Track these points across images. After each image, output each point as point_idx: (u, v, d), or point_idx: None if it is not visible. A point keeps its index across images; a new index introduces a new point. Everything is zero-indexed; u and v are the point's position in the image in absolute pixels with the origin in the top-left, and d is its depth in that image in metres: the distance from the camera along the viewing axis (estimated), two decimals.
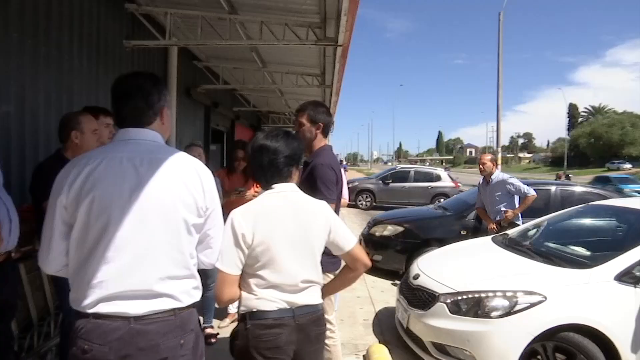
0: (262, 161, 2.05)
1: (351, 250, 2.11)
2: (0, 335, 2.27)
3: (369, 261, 2.18)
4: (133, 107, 1.71)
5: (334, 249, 2.13)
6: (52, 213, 1.62)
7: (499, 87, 20.90)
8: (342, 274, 2.24)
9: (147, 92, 1.73)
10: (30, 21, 4.04)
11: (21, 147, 3.98)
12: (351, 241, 2.12)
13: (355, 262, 2.14)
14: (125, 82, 1.75)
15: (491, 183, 5.95)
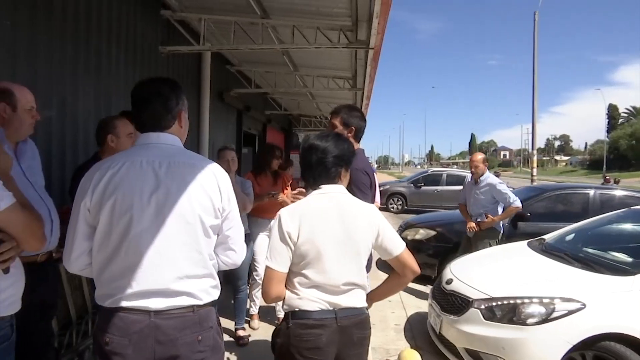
0: (311, 160, 2.08)
1: (400, 255, 2.10)
2: (41, 333, 2.34)
3: (417, 268, 2.14)
4: (152, 112, 1.78)
5: (382, 253, 2.12)
6: (75, 215, 1.70)
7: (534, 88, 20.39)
8: (390, 280, 2.21)
9: (166, 97, 1.79)
10: (71, 28, 4.17)
11: (62, 150, 4.11)
12: (400, 246, 2.10)
13: (404, 268, 2.12)
14: (144, 87, 1.81)
15: (479, 184, 5.75)
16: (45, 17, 3.82)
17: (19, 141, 2.29)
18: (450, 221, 7.49)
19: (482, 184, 5.70)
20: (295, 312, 1.99)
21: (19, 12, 3.51)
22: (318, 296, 1.98)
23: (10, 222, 1.62)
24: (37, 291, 1.99)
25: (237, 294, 4.45)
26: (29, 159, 2.33)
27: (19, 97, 2.21)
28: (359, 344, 2.07)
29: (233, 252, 1.86)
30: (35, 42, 3.70)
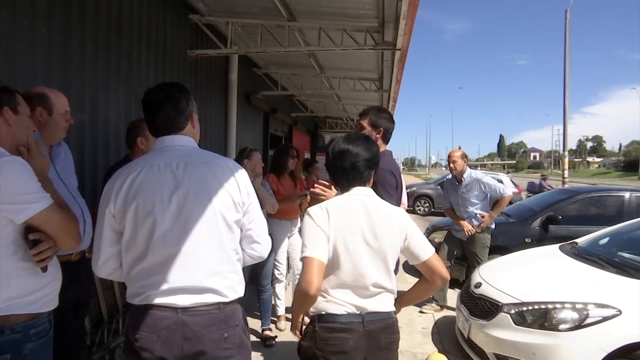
0: (344, 165, 2.07)
1: (428, 260, 2.06)
2: (75, 331, 2.40)
3: (447, 274, 2.11)
4: (165, 116, 1.83)
5: (410, 257, 2.10)
6: (101, 221, 1.75)
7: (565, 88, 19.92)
8: (418, 286, 2.19)
9: (176, 99, 1.84)
10: (103, 33, 4.28)
11: (94, 153, 4.22)
12: (428, 251, 2.08)
13: (432, 274, 2.08)
14: (154, 93, 1.86)
15: (463, 182, 5.44)
16: (78, 22, 3.92)
17: (53, 144, 2.35)
18: None
19: (466, 181, 5.42)
20: (322, 315, 1.98)
21: (54, 18, 3.62)
22: (345, 299, 1.97)
23: (47, 222, 1.69)
24: (71, 290, 2.04)
25: (261, 294, 4.48)
26: (62, 161, 2.40)
27: (54, 102, 2.28)
28: (387, 348, 2.04)
29: (258, 245, 1.89)
30: (69, 47, 3.81)
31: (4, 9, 3.14)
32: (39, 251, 1.67)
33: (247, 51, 6.96)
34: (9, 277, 1.65)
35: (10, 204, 1.60)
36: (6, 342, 1.64)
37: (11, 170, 1.62)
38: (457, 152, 5.55)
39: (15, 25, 3.24)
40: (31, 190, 1.66)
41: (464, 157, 5.48)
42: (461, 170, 5.42)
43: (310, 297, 1.87)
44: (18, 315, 1.67)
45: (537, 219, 6.67)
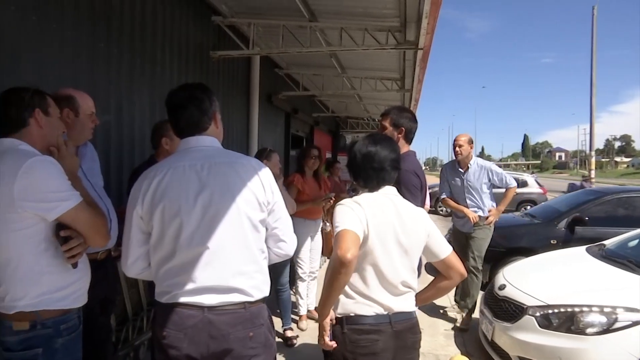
0: (373, 166, 2.07)
1: (446, 258, 2.10)
2: (101, 328, 2.44)
3: (464, 270, 2.15)
4: (189, 116, 1.84)
5: (429, 255, 2.12)
6: (129, 223, 1.78)
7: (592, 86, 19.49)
8: (437, 283, 2.20)
9: (200, 100, 1.86)
10: (127, 36, 4.35)
11: (119, 153, 4.29)
12: (447, 249, 2.12)
13: (450, 271, 2.11)
14: (177, 94, 1.88)
15: (469, 170, 5.03)
16: (104, 26, 4.00)
17: (79, 145, 2.40)
18: (502, 225, 7.25)
19: (473, 168, 5.01)
20: (350, 317, 1.98)
21: (81, 22, 3.70)
22: (374, 298, 1.97)
23: (77, 220, 1.74)
24: (98, 287, 2.08)
25: (280, 294, 4.50)
26: (89, 161, 2.45)
27: (80, 103, 2.33)
28: (412, 348, 2.07)
29: (284, 243, 1.89)
30: (95, 50, 3.89)
31: (33, 13, 3.23)
32: (69, 247, 1.73)
33: (268, 52, 7.00)
34: (40, 273, 1.70)
35: (42, 202, 1.66)
36: (38, 337, 1.70)
37: (42, 169, 1.67)
38: (463, 136, 5.10)
39: (44, 29, 3.32)
40: (62, 189, 1.71)
41: (470, 142, 5.06)
42: (467, 156, 5.02)
43: (345, 267, 1.78)
44: (49, 310, 1.72)
45: (562, 220, 6.54)
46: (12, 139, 1.78)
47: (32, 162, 1.65)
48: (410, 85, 9.05)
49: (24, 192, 1.62)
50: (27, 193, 1.63)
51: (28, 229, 1.67)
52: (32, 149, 1.78)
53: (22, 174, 1.62)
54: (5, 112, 1.79)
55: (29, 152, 1.73)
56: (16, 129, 1.79)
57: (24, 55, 3.17)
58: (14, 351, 1.69)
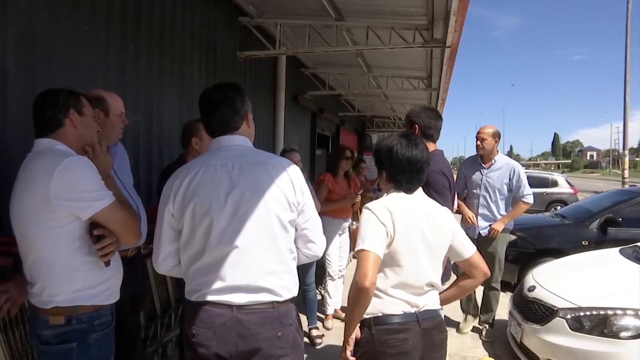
0: (411, 169, 2.04)
1: (470, 258, 2.09)
2: (131, 324, 2.49)
3: (488, 269, 2.14)
4: (222, 115, 1.85)
5: (453, 255, 2.12)
6: (160, 220, 1.80)
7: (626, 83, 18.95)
8: (460, 281, 2.18)
9: (232, 99, 1.87)
10: (157, 37, 4.43)
11: (148, 152, 4.37)
12: (471, 248, 2.11)
13: (474, 270, 2.11)
14: (211, 93, 1.89)
15: (492, 167, 4.48)
16: (134, 27, 4.08)
17: (110, 144, 2.45)
18: (532, 225, 7.12)
19: (497, 165, 4.46)
20: (378, 317, 1.96)
21: (112, 24, 3.78)
22: (400, 297, 1.96)
23: (110, 219, 1.78)
24: (128, 285, 2.11)
25: (306, 294, 4.51)
26: (119, 160, 2.49)
27: (110, 104, 2.38)
28: (440, 346, 2.05)
29: (313, 244, 1.89)
30: (125, 51, 3.97)
31: (66, 16, 3.31)
32: (102, 246, 1.76)
33: (295, 52, 7.02)
34: (75, 270, 1.75)
35: (76, 201, 1.70)
36: (73, 331, 1.75)
37: (77, 169, 1.72)
38: (487, 128, 4.54)
39: (76, 31, 3.41)
40: (95, 188, 1.75)
41: (495, 135, 4.47)
42: (490, 151, 4.47)
43: (364, 292, 1.82)
44: (84, 306, 1.77)
45: (594, 220, 6.36)
46: (49, 139, 1.82)
47: (67, 162, 1.69)
48: (437, 84, 8.97)
49: (59, 192, 1.66)
50: (62, 192, 1.67)
51: (63, 228, 1.71)
52: (68, 149, 1.82)
53: (58, 173, 1.66)
54: (42, 114, 1.84)
55: (64, 152, 1.78)
56: (52, 129, 1.84)
57: (58, 57, 3.26)
58: (50, 344, 1.74)
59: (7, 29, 2.89)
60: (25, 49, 3.01)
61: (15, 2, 2.93)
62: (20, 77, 2.96)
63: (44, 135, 1.83)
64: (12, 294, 1.92)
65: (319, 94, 9.82)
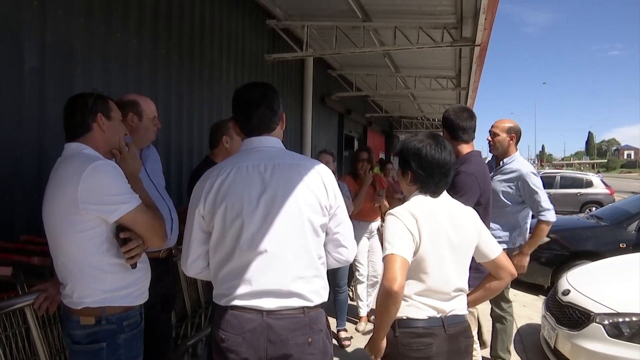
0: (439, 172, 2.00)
1: (497, 258, 2.03)
2: (162, 324, 2.52)
3: (514, 270, 2.08)
4: (262, 115, 1.82)
5: (479, 256, 2.06)
6: (190, 222, 1.78)
7: None
8: (486, 283, 2.13)
9: (272, 99, 1.84)
10: (187, 43, 4.52)
11: (179, 154, 4.45)
12: (497, 249, 2.05)
13: (501, 271, 2.05)
14: (251, 91, 1.86)
15: (503, 166, 3.55)
16: (165, 33, 4.17)
17: (143, 147, 2.50)
18: (565, 227, 6.95)
19: (510, 167, 3.50)
20: (403, 320, 1.93)
21: (144, 31, 3.87)
22: (426, 302, 1.93)
23: (136, 222, 1.79)
24: (160, 285, 2.15)
25: (337, 295, 4.50)
26: (152, 163, 2.54)
27: (143, 107, 2.42)
28: (466, 352, 2.00)
29: (345, 249, 1.85)
30: (157, 57, 4.05)
31: (100, 24, 3.41)
32: (128, 249, 1.78)
33: (322, 53, 7.03)
34: (103, 272, 1.78)
35: (103, 205, 1.72)
36: (102, 332, 1.78)
37: (103, 173, 1.74)
38: (502, 122, 3.65)
39: (110, 38, 3.51)
40: (121, 192, 1.77)
41: (512, 131, 3.58)
42: (505, 150, 3.57)
43: (393, 296, 1.77)
44: (113, 307, 1.80)
45: (633, 222, 6.15)
46: (77, 143, 1.85)
47: (94, 166, 1.71)
48: (467, 83, 8.84)
49: (86, 196, 1.69)
50: (89, 196, 1.69)
51: (91, 231, 1.74)
52: (95, 153, 1.85)
53: (85, 177, 1.68)
54: (71, 118, 1.87)
55: (91, 156, 1.80)
56: (81, 133, 1.86)
57: (92, 62, 3.36)
58: (81, 344, 1.78)
59: (46, 36, 3.00)
60: (62, 55, 3.12)
61: (53, 11, 3.04)
62: (57, 83, 3.07)
63: (73, 139, 1.86)
64: (51, 293, 1.97)
65: (346, 95, 9.81)
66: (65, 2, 3.13)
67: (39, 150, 2.96)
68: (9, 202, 2.81)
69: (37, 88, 2.96)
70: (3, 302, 2.07)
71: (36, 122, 2.96)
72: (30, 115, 2.93)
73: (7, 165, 2.81)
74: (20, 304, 2.09)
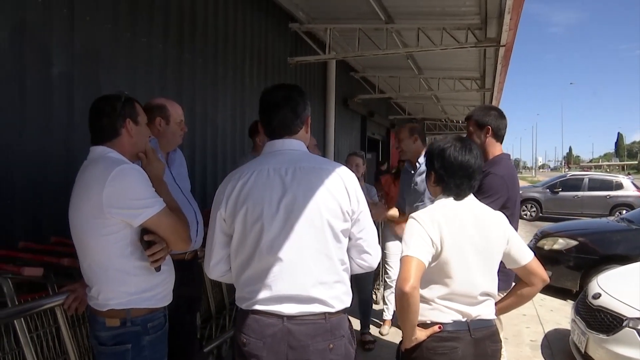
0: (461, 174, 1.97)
1: (528, 264, 1.98)
2: (188, 325, 2.54)
3: (547, 276, 2.02)
4: (283, 117, 1.81)
5: (509, 262, 2.01)
6: (213, 225, 1.78)
7: None
8: (517, 290, 2.08)
9: (295, 102, 1.82)
10: (211, 47, 4.57)
11: (203, 157, 4.50)
12: (528, 255, 2.00)
13: (532, 277, 2.00)
14: (273, 94, 1.85)
15: (418, 167, 3.58)
16: (189, 38, 4.23)
17: (169, 151, 2.53)
18: (595, 230, 6.78)
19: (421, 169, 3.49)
20: (427, 324, 1.91)
21: (169, 35, 3.93)
22: (451, 306, 1.90)
23: (160, 225, 1.81)
24: (185, 287, 2.16)
25: (361, 297, 4.46)
26: (178, 166, 2.56)
27: (171, 112, 2.45)
28: (493, 357, 1.96)
29: (368, 255, 1.81)
30: (181, 60, 4.11)
31: (126, 30, 3.49)
32: (152, 252, 1.79)
33: (344, 56, 7.01)
34: (128, 275, 1.80)
35: (127, 209, 1.74)
36: (127, 333, 1.80)
37: (128, 177, 1.76)
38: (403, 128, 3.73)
39: (136, 43, 3.58)
40: (146, 196, 1.79)
41: (415, 133, 3.62)
42: (413, 151, 3.62)
43: (405, 297, 1.74)
44: (137, 309, 1.81)
45: None
46: (103, 147, 1.87)
47: (119, 170, 1.73)
48: (491, 84, 8.72)
49: (111, 200, 1.70)
50: (114, 200, 1.71)
51: (116, 234, 1.76)
52: (121, 156, 1.86)
53: (110, 181, 1.70)
54: (99, 122, 1.87)
55: (117, 160, 1.81)
56: (109, 138, 1.87)
57: (119, 67, 3.43)
58: (107, 345, 1.81)
59: (74, 42, 3.08)
60: (90, 60, 3.19)
61: (81, 18, 3.12)
62: (84, 87, 3.14)
63: (100, 143, 1.87)
64: (80, 293, 2.01)
65: (368, 97, 9.79)
66: (93, 9, 3.20)
67: (67, 154, 3.04)
68: (38, 204, 2.88)
69: (65, 93, 3.04)
70: (34, 302, 2.11)
71: (64, 126, 3.03)
72: (59, 120, 3.00)
73: (37, 169, 2.88)
74: (50, 303, 2.12)
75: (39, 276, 2.25)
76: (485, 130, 2.68)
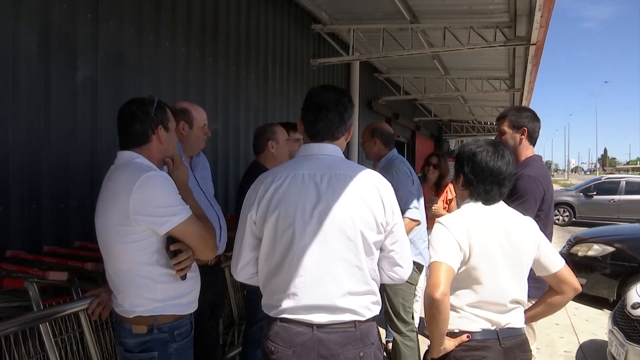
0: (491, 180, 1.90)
1: (559, 272, 1.90)
2: (211, 331, 2.53)
3: (579, 284, 1.94)
4: (330, 121, 1.74)
5: (539, 269, 1.93)
6: (242, 227, 1.74)
7: None
8: (547, 298, 2.00)
9: (344, 107, 1.76)
10: (233, 50, 4.57)
11: (226, 161, 4.49)
12: (559, 262, 1.92)
13: (564, 285, 1.92)
14: (324, 95, 1.78)
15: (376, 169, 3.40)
16: (212, 41, 4.23)
17: (192, 155, 2.51)
18: (633, 236, 6.50)
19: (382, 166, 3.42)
20: (455, 333, 1.85)
21: (191, 39, 3.94)
22: (480, 314, 1.84)
23: (186, 234, 1.76)
24: (208, 292, 2.13)
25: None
26: (201, 170, 2.55)
27: (194, 116, 2.43)
28: None
29: (400, 268, 1.76)
30: (204, 64, 4.12)
31: (149, 34, 3.50)
32: (178, 261, 1.76)
33: (368, 57, 6.93)
34: (155, 282, 1.77)
35: (154, 217, 1.70)
36: (154, 340, 1.77)
37: (155, 184, 1.72)
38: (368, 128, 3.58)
39: (159, 47, 3.59)
40: (172, 203, 1.75)
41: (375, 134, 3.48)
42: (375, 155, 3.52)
43: (435, 304, 1.70)
44: (164, 316, 1.78)
45: None
46: (131, 152, 1.83)
47: (146, 177, 1.69)
48: (521, 84, 8.52)
49: (138, 207, 1.68)
50: (141, 208, 1.68)
51: (142, 242, 1.73)
52: (148, 162, 1.83)
53: (137, 188, 1.67)
54: (130, 127, 1.83)
55: (144, 166, 1.78)
56: (139, 144, 1.84)
57: (142, 71, 3.44)
58: (133, 352, 1.78)
59: (99, 46, 3.09)
60: (114, 64, 3.21)
61: (105, 23, 3.14)
62: (109, 91, 3.15)
63: (128, 148, 1.84)
64: (104, 298, 2.00)
65: (393, 99, 9.68)
66: (117, 14, 3.22)
67: (92, 158, 3.05)
68: (63, 208, 2.89)
69: (90, 97, 3.05)
70: (59, 307, 2.11)
71: (89, 130, 3.05)
72: (84, 124, 3.02)
73: (62, 173, 2.89)
74: (75, 308, 2.12)
75: (64, 280, 2.25)
76: (522, 131, 2.59)
